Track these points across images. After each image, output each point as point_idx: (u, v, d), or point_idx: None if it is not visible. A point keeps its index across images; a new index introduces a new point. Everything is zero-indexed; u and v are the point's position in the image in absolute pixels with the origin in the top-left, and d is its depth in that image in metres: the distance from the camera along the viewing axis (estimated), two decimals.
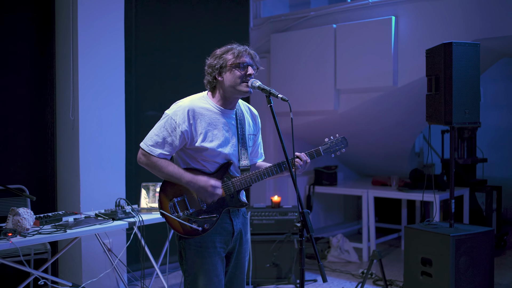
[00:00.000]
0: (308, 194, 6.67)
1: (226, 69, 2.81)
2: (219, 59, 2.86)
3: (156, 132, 2.75)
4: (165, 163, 2.73)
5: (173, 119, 2.73)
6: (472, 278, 4.23)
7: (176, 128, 2.71)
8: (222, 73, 2.83)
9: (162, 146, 2.72)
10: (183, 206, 2.76)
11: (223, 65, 2.83)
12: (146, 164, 2.76)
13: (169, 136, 2.72)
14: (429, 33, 5.41)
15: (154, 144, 2.73)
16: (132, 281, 5.11)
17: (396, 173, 6.66)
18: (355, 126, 6.33)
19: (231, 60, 2.81)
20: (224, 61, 2.83)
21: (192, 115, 2.75)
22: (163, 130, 2.73)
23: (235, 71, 2.79)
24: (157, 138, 2.73)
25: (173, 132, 2.71)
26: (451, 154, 4.40)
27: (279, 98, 2.63)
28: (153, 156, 2.72)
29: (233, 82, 2.79)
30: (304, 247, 2.51)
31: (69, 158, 4.72)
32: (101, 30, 4.74)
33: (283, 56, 6.42)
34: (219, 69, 2.84)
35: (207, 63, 2.96)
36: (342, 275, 5.56)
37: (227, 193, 2.78)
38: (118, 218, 3.88)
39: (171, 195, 2.77)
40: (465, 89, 4.25)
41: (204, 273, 2.74)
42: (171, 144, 2.72)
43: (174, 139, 2.71)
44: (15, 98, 4.68)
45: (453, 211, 4.40)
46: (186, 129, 2.71)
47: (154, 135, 2.75)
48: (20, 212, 3.40)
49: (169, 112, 2.78)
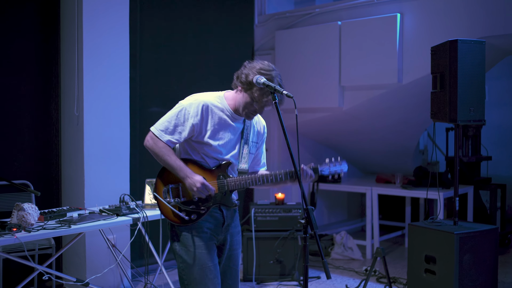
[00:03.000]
0: (312, 191, 6.67)
1: (251, 92, 2.78)
2: (261, 73, 2.76)
3: (168, 119, 2.79)
4: (169, 152, 2.79)
5: (187, 110, 2.77)
6: (476, 276, 4.22)
7: (188, 119, 2.76)
8: (247, 91, 2.80)
9: (171, 133, 2.77)
10: (175, 193, 2.82)
11: (253, 89, 2.77)
12: (151, 147, 2.81)
13: (180, 126, 2.77)
14: (434, 30, 5.40)
15: (165, 130, 2.78)
16: (136, 277, 5.12)
17: (400, 170, 6.65)
18: (360, 123, 6.32)
19: (258, 93, 2.76)
20: (256, 88, 2.76)
21: (205, 110, 2.78)
22: (175, 119, 2.77)
23: (254, 104, 2.79)
24: (168, 125, 2.78)
25: (185, 122, 2.76)
26: (455, 152, 4.39)
27: (284, 94, 2.63)
28: (160, 141, 2.77)
29: (245, 105, 2.82)
30: (308, 244, 2.51)
31: (73, 153, 4.73)
32: (106, 26, 4.75)
33: (287, 53, 6.41)
34: (248, 85, 2.79)
35: (247, 68, 2.84)
36: (346, 272, 5.56)
37: (220, 191, 2.83)
38: (122, 214, 3.89)
39: (167, 181, 2.84)
40: (470, 86, 4.24)
41: (197, 258, 2.79)
42: (180, 133, 2.77)
43: (184, 129, 2.76)
44: (20, 93, 4.69)
45: (457, 209, 4.39)
46: (197, 122, 2.76)
47: (166, 121, 2.79)
48: (25, 207, 3.41)
49: (184, 103, 2.81)
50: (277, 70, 2.81)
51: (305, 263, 2.51)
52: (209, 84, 6.06)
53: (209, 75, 6.14)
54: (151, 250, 4.61)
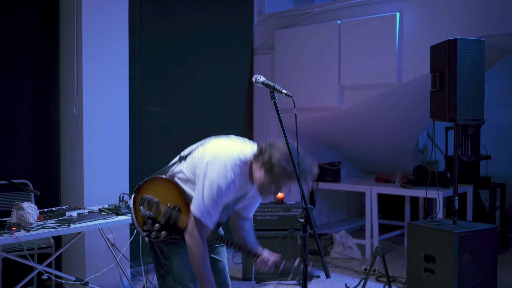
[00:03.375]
0: (311, 190, 6.67)
1: (270, 174, 2.67)
2: (274, 167, 2.65)
3: (211, 202, 2.66)
4: (208, 262, 2.71)
5: (224, 191, 2.66)
6: (475, 275, 4.22)
7: (224, 198, 2.68)
8: (267, 172, 2.67)
9: (214, 217, 2.69)
10: (150, 206, 2.82)
11: (274, 171, 2.66)
12: (198, 242, 2.68)
13: (219, 205, 2.69)
14: (433, 29, 5.40)
15: (208, 215, 2.67)
16: (136, 276, 5.12)
17: (400, 169, 6.65)
18: (359, 122, 6.32)
19: (280, 179, 2.67)
20: (276, 171, 2.65)
21: (235, 189, 2.72)
22: (216, 201, 2.66)
23: (272, 187, 2.71)
24: (212, 212, 2.67)
25: (222, 201, 2.69)
26: (455, 151, 4.39)
27: (283, 93, 2.63)
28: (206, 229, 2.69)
29: (261, 185, 2.73)
30: (307, 243, 2.51)
31: (73, 153, 4.73)
32: (106, 25, 4.74)
33: (287, 52, 6.41)
34: (269, 167, 2.67)
35: (272, 148, 2.70)
36: (345, 271, 5.56)
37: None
38: (121, 213, 3.89)
39: (151, 192, 2.84)
40: (470, 86, 4.24)
41: (179, 259, 2.83)
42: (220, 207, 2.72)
43: (220, 205, 2.71)
44: (19, 93, 4.69)
45: (457, 208, 4.40)
46: (227, 200, 2.72)
47: (209, 206, 2.66)
48: (24, 207, 3.41)
49: (218, 181, 2.65)
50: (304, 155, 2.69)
51: (305, 262, 2.51)
52: (208, 83, 6.10)
53: (208, 74, 6.14)
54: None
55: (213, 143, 2.82)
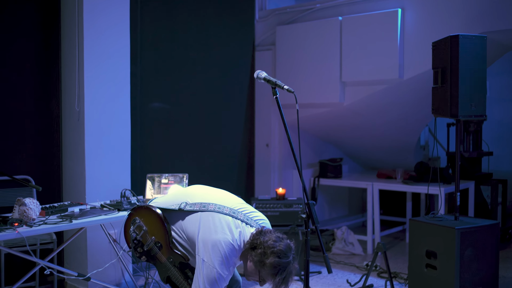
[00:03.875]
0: (313, 187, 6.67)
1: (261, 270, 2.70)
2: (257, 259, 2.69)
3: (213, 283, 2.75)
4: None
5: (224, 278, 2.76)
6: (477, 271, 4.23)
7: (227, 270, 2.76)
8: (257, 267, 2.70)
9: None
10: (139, 230, 3.00)
11: (264, 269, 2.68)
12: None
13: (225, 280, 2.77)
14: (435, 25, 5.39)
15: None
16: (137, 272, 5.13)
17: (401, 166, 6.65)
18: (360, 118, 6.31)
19: (265, 274, 2.70)
20: (266, 270, 2.67)
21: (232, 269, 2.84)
22: (218, 282, 2.74)
23: (254, 278, 2.77)
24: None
25: (227, 274, 2.77)
26: (456, 147, 4.39)
27: (285, 89, 2.63)
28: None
29: (249, 273, 2.80)
30: (309, 239, 2.52)
31: (74, 149, 4.73)
32: (107, 22, 4.74)
33: (288, 49, 6.41)
34: (260, 264, 2.69)
35: (265, 247, 2.69)
36: (347, 267, 5.56)
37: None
38: (123, 209, 3.89)
39: (143, 219, 3.01)
40: (472, 82, 4.23)
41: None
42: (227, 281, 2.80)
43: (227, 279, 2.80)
44: (21, 89, 4.69)
45: (458, 204, 4.40)
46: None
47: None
48: (26, 202, 3.42)
49: (220, 270, 2.73)
50: (293, 262, 2.68)
51: (307, 257, 2.51)
52: (209, 79, 6.10)
53: (209, 71, 6.14)
54: None
55: (209, 222, 2.83)
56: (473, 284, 4.22)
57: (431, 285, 4.36)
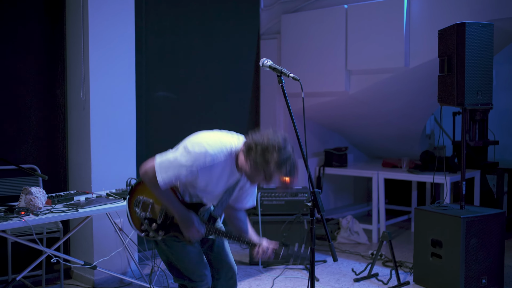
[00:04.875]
0: (318, 176, 6.67)
1: (264, 171, 2.62)
2: (260, 160, 2.60)
3: (174, 162, 2.66)
4: (170, 195, 2.78)
5: (195, 162, 2.63)
6: (482, 260, 4.23)
7: (192, 173, 2.66)
8: (258, 168, 2.64)
9: (170, 177, 2.67)
10: (145, 207, 2.88)
11: (266, 168, 2.62)
12: (149, 181, 2.74)
13: (182, 175, 2.66)
14: (441, 13, 5.35)
15: (166, 170, 2.66)
16: (143, 260, 5.15)
17: (407, 155, 6.64)
18: (366, 107, 6.30)
19: (269, 169, 2.61)
20: (261, 166, 2.61)
21: (209, 169, 2.67)
22: (180, 168, 2.64)
23: (258, 176, 2.67)
24: (173, 171, 2.65)
25: (189, 174, 2.66)
26: (462, 136, 4.38)
27: (291, 77, 2.62)
28: (158, 181, 2.68)
29: (250, 175, 2.70)
30: (314, 227, 2.51)
31: (80, 138, 4.74)
32: (112, 10, 4.73)
33: (293, 37, 6.38)
34: (261, 164, 2.62)
35: (264, 150, 2.62)
36: (352, 256, 5.57)
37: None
38: None
39: (144, 193, 2.89)
40: (478, 70, 4.21)
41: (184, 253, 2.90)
42: (179, 177, 2.69)
43: (183, 178, 2.69)
44: (27, 78, 4.69)
45: (464, 193, 4.39)
46: (199, 177, 2.68)
47: (169, 163, 2.67)
48: (33, 191, 3.43)
49: (194, 151, 2.64)
50: (290, 160, 2.61)
51: (312, 246, 2.51)
52: (214, 68, 6.09)
53: (214, 59, 6.12)
54: None
55: (197, 134, 2.79)
56: (478, 273, 4.23)
57: (436, 274, 4.37)
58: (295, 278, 4.88)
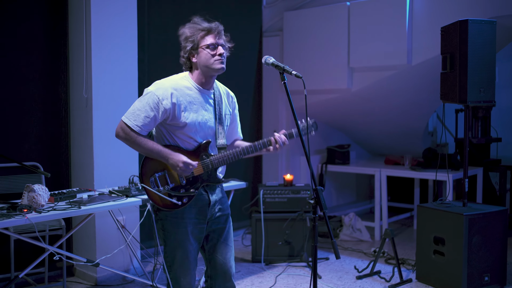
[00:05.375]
0: (320, 173, 6.67)
1: (197, 51, 2.91)
2: (188, 42, 2.95)
3: (139, 107, 2.78)
4: (144, 139, 2.79)
5: (156, 95, 2.77)
6: (484, 258, 4.23)
7: (158, 104, 2.76)
8: (195, 54, 2.91)
9: (143, 121, 2.76)
10: (163, 181, 2.84)
11: (194, 47, 2.93)
12: (124, 138, 2.80)
13: (151, 111, 2.76)
14: (444, 10, 5.34)
15: (136, 118, 2.76)
16: (146, 258, 5.16)
17: (409, 152, 6.63)
18: (368, 104, 6.29)
19: (201, 42, 2.95)
20: (194, 44, 2.93)
21: (174, 92, 2.80)
22: (145, 105, 2.77)
23: (207, 51, 2.90)
24: (140, 113, 2.76)
25: (156, 107, 2.76)
26: (465, 133, 4.37)
27: (293, 75, 2.62)
28: (133, 132, 2.76)
29: (206, 62, 2.88)
30: (317, 224, 2.51)
31: (82, 135, 4.74)
32: (114, 8, 4.73)
33: (296, 34, 6.37)
34: (190, 51, 2.92)
35: (181, 43, 3.00)
36: (354, 253, 5.57)
37: (205, 170, 2.87)
38: (131, 195, 3.90)
39: (153, 170, 2.85)
40: (481, 67, 4.21)
41: (180, 242, 2.85)
42: (153, 119, 2.77)
43: (156, 115, 2.76)
44: (29, 76, 4.69)
45: (467, 190, 4.39)
46: (169, 105, 2.77)
47: (137, 109, 2.78)
48: (35, 189, 3.43)
49: (151, 89, 2.82)
50: (207, 23, 3.09)
51: (315, 243, 2.51)
52: None
53: None
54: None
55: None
56: (480, 271, 4.22)
57: (439, 271, 4.37)
58: (297, 276, 4.88)
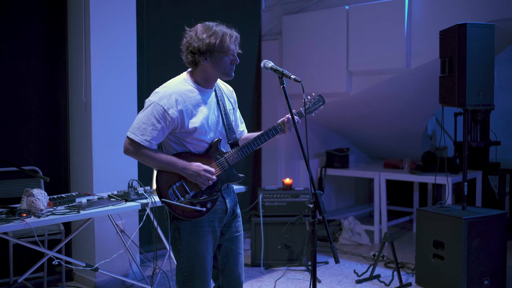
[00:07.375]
0: (319, 177, 6.67)
1: (213, 54, 2.78)
2: (204, 43, 2.80)
3: (144, 120, 2.65)
4: (155, 153, 2.68)
5: (160, 105, 2.65)
6: (484, 261, 4.22)
7: (164, 114, 2.64)
8: (208, 57, 2.78)
9: (151, 134, 2.64)
10: (182, 190, 2.72)
11: (211, 49, 2.79)
12: (135, 154, 2.68)
13: (158, 123, 2.64)
14: (443, 14, 5.35)
15: (144, 133, 2.64)
16: (145, 262, 5.15)
17: (408, 155, 6.63)
18: (367, 108, 6.29)
19: (221, 47, 2.79)
20: (211, 46, 2.78)
21: (179, 99, 2.69)
22: (150, 117, 2.64)
23: (226, 59, 2.81)
24: (146, 126, 2.64)
25: (162, 118, 2.64)
26: (464, 137, 4.37)
27: (292, 79, 2.63)
28: (142, 146, 2.65)
29: (221, 68, 2.83)
30: (316, 229, 2.51)
31: (81, 139, 4.74)
32: (113, 12, 4.73)
33: (295, 38, 6.38)
34: (205, 51, 2.78)
35: (187, 40, 2.92)
36: (354, 257, 5.57)
37: (222, 170, 2.78)
38: (130, 199, 3.91)
39: (169, 182, 2.72)
40: (479, 71, 4.21)
41: (199, 252, 2.75)
42: (161, 130, 2.65)
43: (164, 125, 2.64)
44: (28, 80, 4.70)
45: (466, 194, 4.39)
46: (176, 113, 2.65)
47: (142, 124, 2.65)
48: (34, 193, 3.43)
49: (154, 99, 2.69)
50: (228, 29, 2.91)
51: (314, 247, 2.51)
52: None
53: None
54: (160, 235, 4.64)
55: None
56: (480, 274, 4.22)
57: (438, 275, 4.36)
58: (297, 280, 4.87)
